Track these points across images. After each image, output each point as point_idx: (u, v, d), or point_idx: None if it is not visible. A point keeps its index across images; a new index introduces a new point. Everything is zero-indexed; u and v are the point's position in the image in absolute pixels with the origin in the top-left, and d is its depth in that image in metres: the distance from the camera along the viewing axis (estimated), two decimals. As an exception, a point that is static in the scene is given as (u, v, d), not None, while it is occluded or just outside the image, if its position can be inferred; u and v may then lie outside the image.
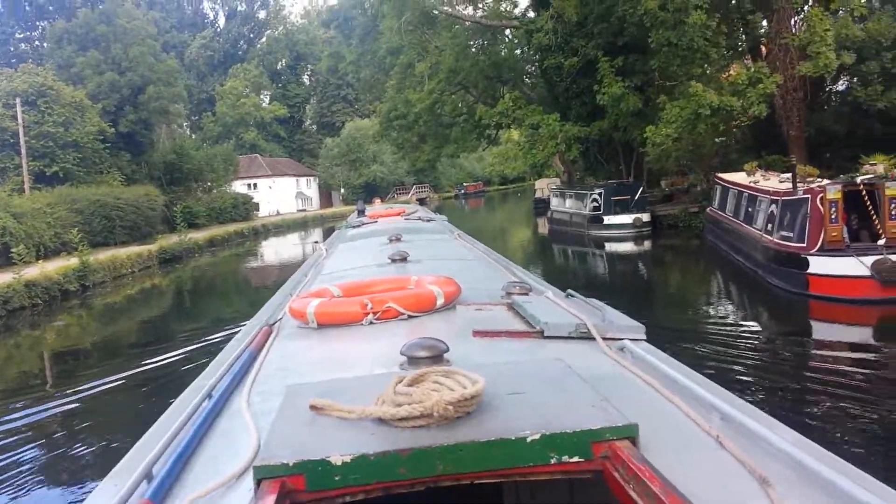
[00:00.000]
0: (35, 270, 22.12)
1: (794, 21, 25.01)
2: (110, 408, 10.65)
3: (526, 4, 36.23)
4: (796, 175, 14.36)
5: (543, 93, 35.35)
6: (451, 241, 7.51)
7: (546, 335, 2.87)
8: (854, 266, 11.80)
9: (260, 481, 1.53)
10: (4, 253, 24.33)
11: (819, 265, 12.31)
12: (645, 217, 26.86)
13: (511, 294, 3.65)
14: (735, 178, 20.33)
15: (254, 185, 71.70)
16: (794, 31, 24.20)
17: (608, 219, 27.22)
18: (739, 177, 20.45)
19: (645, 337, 2.80)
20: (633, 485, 1.48)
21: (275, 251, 42.27)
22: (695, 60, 24.12)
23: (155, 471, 1.78)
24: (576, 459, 1.58)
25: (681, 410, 1.95)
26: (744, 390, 8.52)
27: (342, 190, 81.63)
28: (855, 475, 1.52)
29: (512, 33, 37.88)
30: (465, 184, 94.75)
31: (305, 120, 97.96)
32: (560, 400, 1.79)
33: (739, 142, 26.95)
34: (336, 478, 1.52)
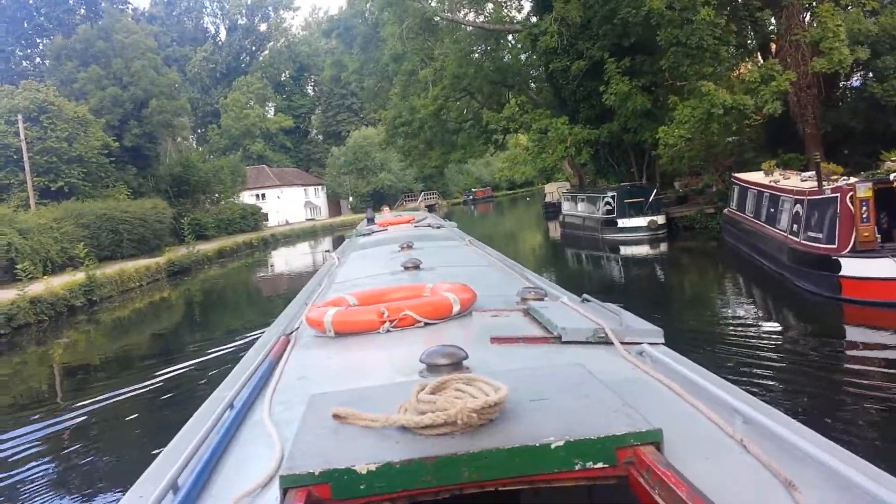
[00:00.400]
0: (40, 286, 21.79)
1: (805, 17, 24.56)
2: (119, 424, 10.47)
3: (528, 10, 35.95)
4: (821, 173, 13.81)
5: (550, 97, 34.91)
6: (463, 248, 7.48)
7: (564, 340, 2.85)
8: (890, 268, 11.23)
9: (286, 490, 1.53)
10: (10, 269, 24.03)
11: (852, 267, 11.76)
12: (660, 219, 26.32)
13: (526, 300, 3.65)
14: (753, 178, 19.83)
15: (262, 196, 71.67)
16: (805, 28, 23.72)
17: (622, 222, 26.70)
18: (757, 176, 19.97)
19: (663, 341, 2.77)
20: (659, 490, 1.48)
21: (284, 261, 41.97)
22: (704, 59, 23.61)
23: (181, 481, 1.77)
24: (600, 465, 1.58)
25: (703, 414, 1.94)
26: (776, 398, 8.19)
27: (350, 198, 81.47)
28: (882, 478, 1.49)
29: (515, 38, 37.56)
30: (474, 189, 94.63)
31: (311, 130, 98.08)
32: (582, 406, 1.79)
33: (753, 141, 26.38)
34: (362, 486, 1.52)
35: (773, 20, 24.48)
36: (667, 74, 25.33)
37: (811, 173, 17.11)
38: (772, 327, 12.50)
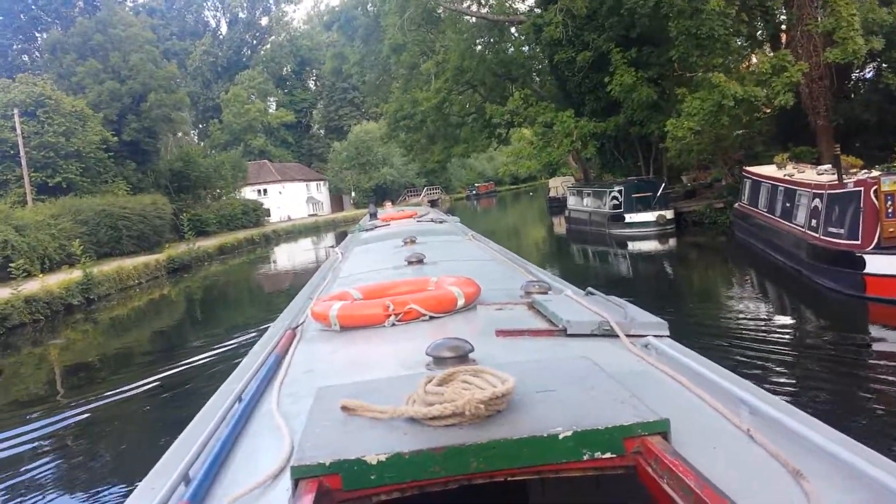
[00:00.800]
0: (36, 285, 21.33)
1: (817, 6, 23.98)
2: (120, 422, 10.35)
3: (532, 1, 35.33)
4: (840, 166, 13.28)
5: (554, 90, 34.33)
6: (466, 242, 7.48)
7: (569, 333, 2.85)
8: (918, 265, 10.73)
9: (297, 481, 1.54)
10: (6, 267, 23.58)
11: (877, 264, 11.23)
12: (668, 214, 25.77)
13: (531, 293, 3.65)
14: (765, 172, 19.30)
15: (264, 191, 71.24)
16: (818, 17, 23.14)
17: (630, 217, 26.15)
18: (769, 170, 19.45)
19: (668, 333, 2.75)
20: (668, 479, 1.47)
21: (286, 257, 41.55)
22: (715, 50, 23.04)
23: (192, 473, 1.78)
24: (608, 455, 1.58)
25: (710, 405, 1.93)
26: (796, 396, 7.84)
27: (353, 193, 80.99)
28: (890, 467, 1.47)
29: (518, 30, 37.02)
30: (477, 184, 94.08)
31: (313, 125, 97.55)
32: (589, 397, 1.78)
33: (763, 134, 25.80)
34: (372, 477, 1.53)
35: (784, 10, 23.83)
36: (676, 65, 24.77)
37: (827, 166, 16.60)
38: (790, 325, 11.99)
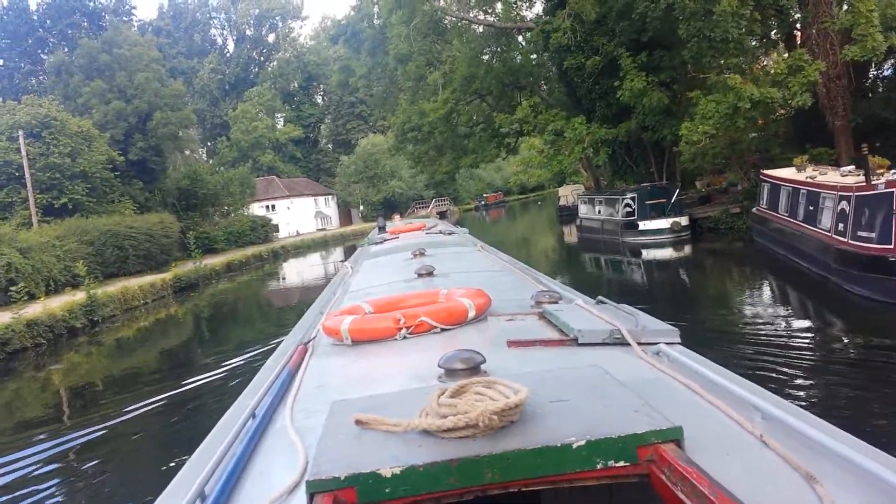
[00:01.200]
0: (38, 308, 20.90)
1: (832, 3, 23.35)
2: (126, 445, 10.19)
3: (539, 10, 34.94)
4: (869, 167, 12.61)
5: (563, 97, 33.80)
6: (475, 254, 7.45)
7: (580, 342, 2.83)
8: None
9: (313, 495, 1.55)
10: (9, 290, 23.17)
11: (914, 269, 10.57)
12: (683, 221, 25.07)
13: (541, 303, 3.64)
14: (785, 174, 18.64)
15: (272, 207, 70.96)
16: (834, 14, 22.50)
17: (644, 224, 25.49)
18: (788, 172, 18.81)
19: (680, 340, 2.73)
20: (682, 486, 1.47)
21: (294, 273, 41.06)
22: (728, 51, 22.44)
23: (207, 490, 1.78)
24: (622, 464, 1.58)
25: (722, 411, 1.92)
26: (836, 414, 7.12)
27: (361, 207, 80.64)
28: None
29: (525, 38, 36.58)
30: (486, 195, 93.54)
31: (321, 139, 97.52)
32: (602, 406, 1.78)
33: (780, 136, 25.11)
34: (387, 490, 1.54)
35: (799, 8, 23.19)
36: (689, 67, 24.17)
37: (850, 167, 15.95)
38: (818, 334, 11.32)
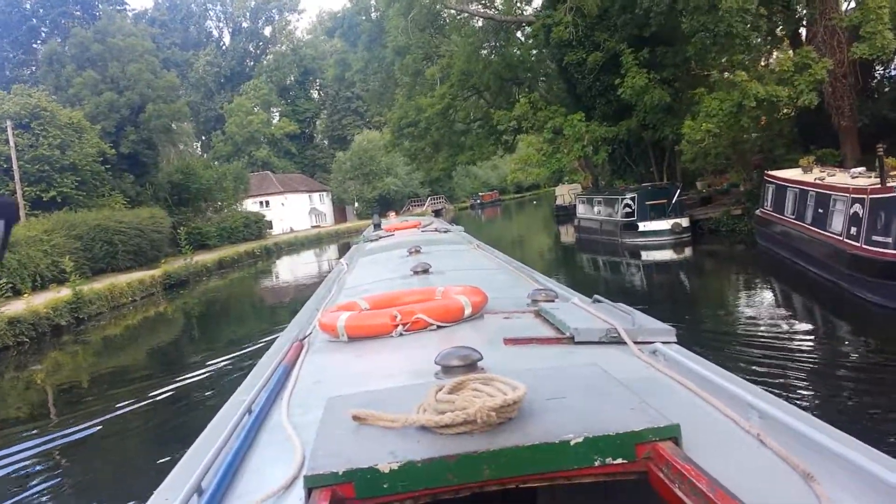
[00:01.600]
0: (21, 304, 20.27)
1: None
2: (113, 445, 10.09)
3: (539, 4, 34.33)
4: (885, 168, 12.10)
5: (562, 93, 33.29)
6: (471, 252, 7.42)
7: (577, 341, 2.82)
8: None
9: (311, 490, 1.54)
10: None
11: (935, 276, 10.07)
12: (684, 222, 24.55)
13: (537, 301, 3.62)
14: (790, 175, 18.15)
15: (266, 203, 70.28)
16: (840, 11, 22.00)
17: (643, 225, 24.96)
18: (794, 173, 18.33)
19: (675, 339, 2.72)
20: (679, 484, 1.48)
21: (287, 271, 40.53)
22: (734, 47, 21.92)
23: (204, 484, 1.77)
24: (619, 461, 1.58)
25: (719, 410, 1.92)
26: (854, 427, 6.48)
27: (356, 204, 80.00)
28: None
29: (524, 33, 36.03)
30: (481, 193, 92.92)
31: (316, 135, 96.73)
32: (599, 403, 1.78)
33: (784, 136, 24.61)
34: (385, 485, 1.54)
35: (806, 4, 22.67)
36: (692, 65, 23.65)
37: (861, 169, 15.47)
38: (830, 343, 10.83)
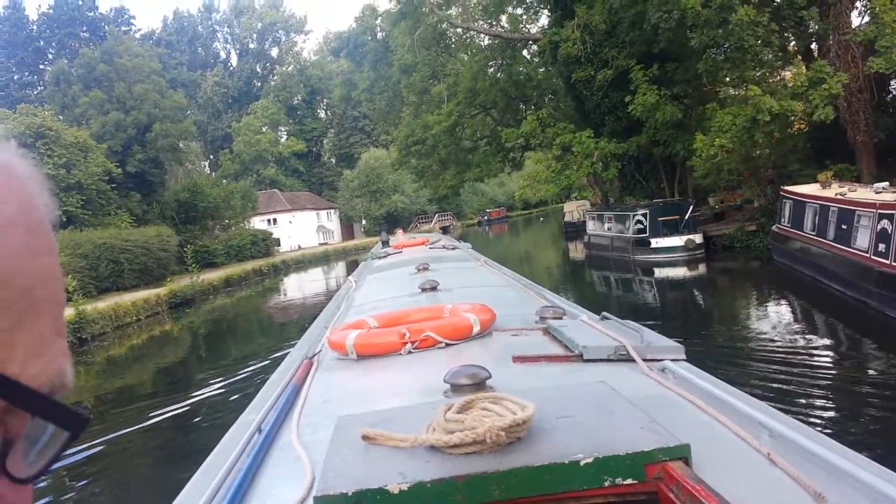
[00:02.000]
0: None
1: (852, 14, 22.59)
2: (120, 465, 9.99)
3: (545, 22, 34.23)
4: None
5: (570, 110, 33.05)
6: (479, 269, 7.41)
7: (585, 358, 2.80)
8: None
9: None
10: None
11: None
12: (698, 238, 24.11)
13: (546, 318, 3.60)
14: (808, 191, 17.75)
15: (273, 221, 70.15)
16: (856, 25, 21.71)
17: (656, 241, 24.52)
18: (811, 189, 17.93)
19: (685, 357, 2.71)
20: None
21: (295, 288, 40.14)
22: (745, 62, 21.62)
23: None
24: (629, 481, 1.57)
25: (729, 429, 1.90)
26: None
27: (363, 222, 79.77)
28: None
29: (531, 51, 35.92)
30: (488, 210, 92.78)
31: (324, 153, 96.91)
32: (609, 422, 1.77)
33: (798, 151, 24.24)
34: None
35: (819, 18, 22.38)
36: (704, 79, 23.33)
37: (884, 184, 15.04)
38: (857, 362, 10.40)
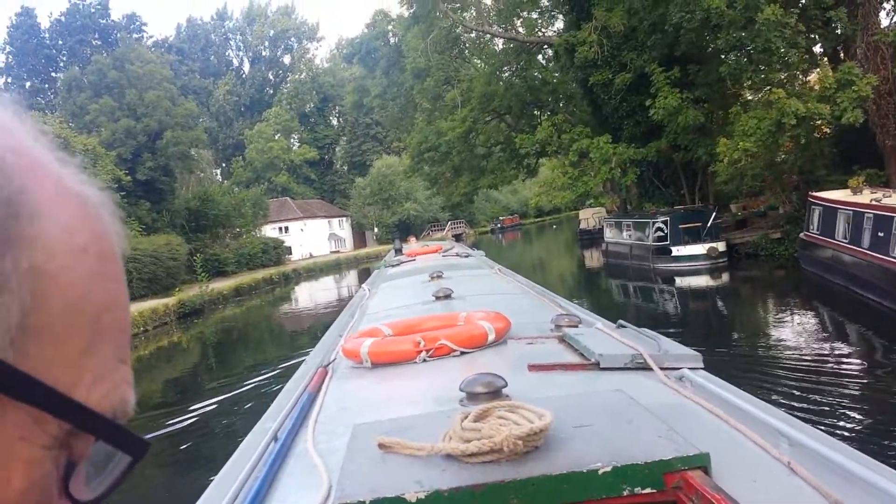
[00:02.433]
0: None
1: (881, 14, 21.88)
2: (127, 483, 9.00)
3: (560, 26, 33.62)
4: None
5: (586, 115, 32.37)
6: (493, 276, 7.33)
7: (602, 367, 2.77)
8: None
9: None
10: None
11: None
12: (721, 246, 23.33)
13: (561, 326, 3.56)
14: (839, 197, 17.00)
15: (285, 229, 69.74)
16: (885, 26, 20.97)
17: (677, 250, 23.76)
18: (842, 195, 17.19)
19: (703, 365, 2.65)
20: None
21: (306, 297, 39.55)
22: (771, 64, 20.89)
23: None
24: (648, 490, 1.56)
25: (748, 437, 1.89)
26: None
27: (375, 229, 79.29)
28: None
29: (545, 56, 35.31)
30: (501, 218, 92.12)
31: (336, 161, 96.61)
32: (627, 431, 1.77)
33: (825, 156, 23.43)
34: None
35: (848, 19, 21.63)
36: (727, 83, 22.61)
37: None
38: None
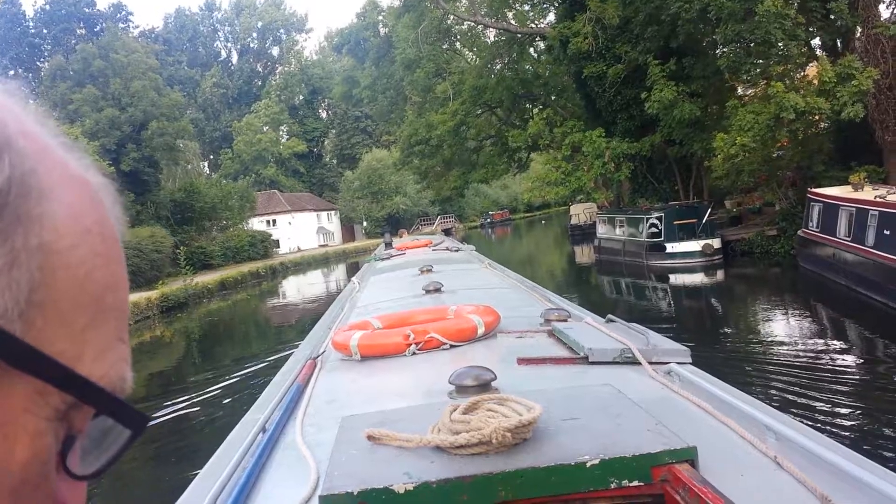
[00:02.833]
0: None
1: (883, 7, 21.51)
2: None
3: (552, 18, 33.08)
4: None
5: (579, 109, 31.88)
6: (482, 270, 7.36)
7: (591, 361, 2.79)
8: None
9: None
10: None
11: None
12: (716, 243, 22.89)
13: (550, 321, 3.57)
14: (840, 194, 16.58)
15: (273, 222, 68.95)
16: (885, 18, 20.56)
17: (671, 246, 23.31)
18: (842, 191, 16.77)
19: (691, 360, 2.68)
20: None
21: (293, 292, 38.92)
22: (770, 57, 20.44)
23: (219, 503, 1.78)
24: (635, 483, 1.57)
25: (735, 432, 1.91)
26: None
27: (364, 223, 78.60)
28: None
29: (537, 49, 34.79)
30: (491, 212, 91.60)
31: (325, 154, 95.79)
32: (615, 425, 1.78)
33: (823, 151, 23.03)
34: None
35: (848, 11, 21.21)
36: (725, 76, 22.15)
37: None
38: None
